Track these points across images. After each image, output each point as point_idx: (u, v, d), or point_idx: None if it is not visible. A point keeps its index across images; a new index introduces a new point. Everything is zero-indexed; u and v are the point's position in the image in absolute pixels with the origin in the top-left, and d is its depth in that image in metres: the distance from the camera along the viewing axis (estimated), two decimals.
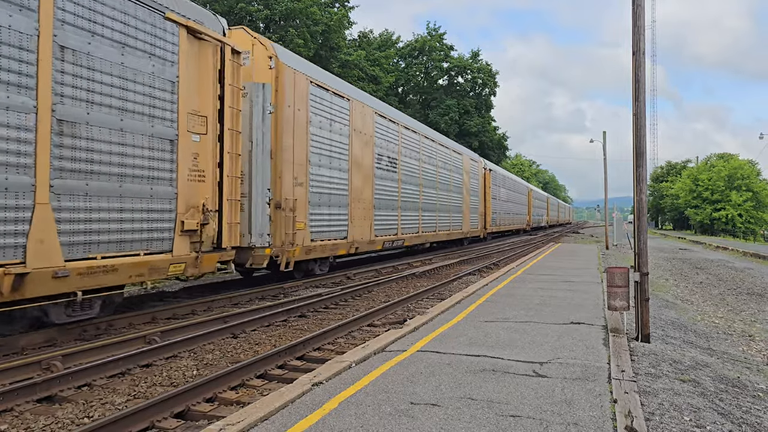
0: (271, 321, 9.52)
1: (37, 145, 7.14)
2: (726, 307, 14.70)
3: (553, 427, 4.33)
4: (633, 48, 8.12)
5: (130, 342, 7.65)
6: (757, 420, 5.42)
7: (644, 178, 8.21)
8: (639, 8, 8.12)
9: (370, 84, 39.64)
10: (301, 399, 4.93)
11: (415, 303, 11.69)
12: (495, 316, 8.93)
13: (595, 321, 8.57)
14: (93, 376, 6.24)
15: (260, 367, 6.59)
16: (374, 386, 5.29)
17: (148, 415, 4.99)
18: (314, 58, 32.34)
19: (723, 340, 10.36)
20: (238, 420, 4.37)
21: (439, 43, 57.92)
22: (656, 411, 4.93)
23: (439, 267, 18.81)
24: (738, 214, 61.00)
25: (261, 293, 12.25)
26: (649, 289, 8.02)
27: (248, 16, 32.21)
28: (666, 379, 6.01)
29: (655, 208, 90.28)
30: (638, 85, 8.06)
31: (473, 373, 5.75)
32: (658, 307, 12.00)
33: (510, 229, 45.38)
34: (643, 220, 8.03)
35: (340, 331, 8.62)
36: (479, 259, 23.27)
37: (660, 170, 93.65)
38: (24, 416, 5.26)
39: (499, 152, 65.70)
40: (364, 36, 47.25)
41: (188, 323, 8.87)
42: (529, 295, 11.29)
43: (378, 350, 6.63)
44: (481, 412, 4.65)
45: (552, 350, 6.71)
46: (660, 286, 17.07)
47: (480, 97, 60.83)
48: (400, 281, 15.29)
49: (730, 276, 21.29)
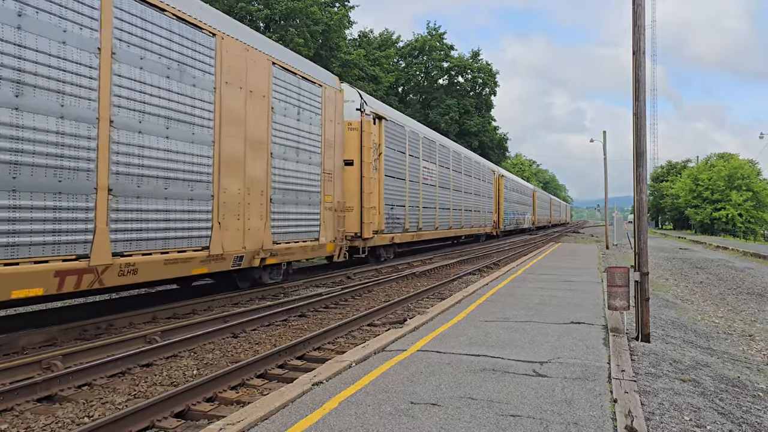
0: (271, 321, 9.52)
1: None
2: (726, 306, 14.70)
3: (553, 427, 4.33)
4: (633, 48, 8.12)
5: (130, 341, 7.65)
6: (757, 420, 5.42)
7: (644, 178, 8.21)
8: (639, 8, 8.11)
9: (371, 84, 39.62)
10: (302, 398, 4.94)
11: (415, 303, 11.69)
12: (495, 315, 8.93)
13: (595, 321, 8.57)
14: (93, 376, 6.24)
15: (260, 366, 6.59)
16: (374, 386, 5.29)
17: (148, 415, 4.99)
18: (314, 57, 32.33)
19: (723, 340, 10.36)
20: (238, 419, 4.37)
21: (440, 43, 57.88)
22: (656, 411, 4.93)
23: (439, 267, 18.80)
24: (738, 213, 61.01)
25: (261, 293, 12.25)
26: (649, 288, 8.02)
27: (248, 15, 32.20)
28: (666, 378, 6.01)
29: (655, 207, 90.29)
30: (638, 85, 8.06)
31: (473, 372, 5.75)
32: (658, 307, 12.01)
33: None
34: (643, 219, 8.03)
35: (340, 330, 8.63)
36: (479, 258, 23.27)
37: (660, 170, 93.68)
38: (24, 416, 5.26)
39: (500, 152, 65.69)
40: (364, 36, 47.25)
41: (188, 323, 8.88)
42: (529, 294, 11.29)
43: (378, 350, 6.63)
44: (481, 411, 4.65)
45: (552, 350, 6.71)
46: (660, 285, 17.07)
47: (480, 96, 60.80)
48: (400, 281, 15.29)
49: (730, 276, 21.29)
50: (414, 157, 22.45)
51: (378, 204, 18.19)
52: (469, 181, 31.79)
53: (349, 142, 16.93)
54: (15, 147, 6.98)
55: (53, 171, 7.46)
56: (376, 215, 18.02)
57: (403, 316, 10.06)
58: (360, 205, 17.16)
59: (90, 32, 7.97)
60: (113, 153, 8.35)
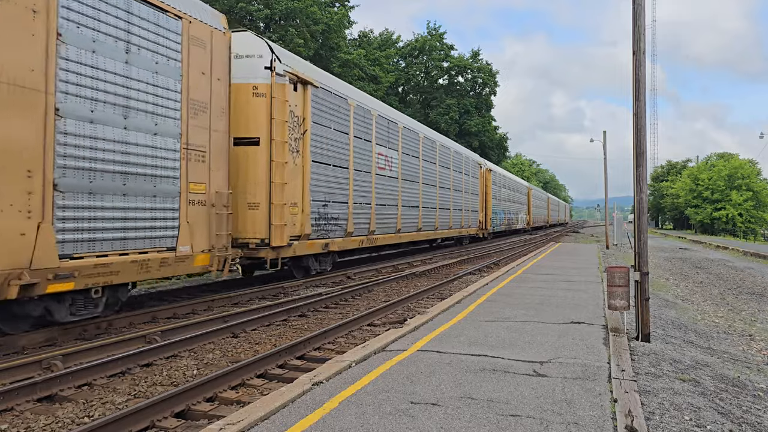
0: (271, 320, 9.52)
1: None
2: (726, 306, 14.70)
3: (553, 427, 4.33)
4: (633, 47, 8.12)
5: (130, 341, 7.65)
6: (757, 419, 5.42)
7: (644, 178, 8.21)
8: (639, 8, 8.11)
9: (371, 83, 39.64)
10: (302, 398, 4.94)
11: (416, 302, 11.69)
12: (495, 315, 8.93)
13: (595, 320, 8.57)
14: (93, 376, 6.24)
15: (260, 366, 6.59)
16: (374, 386, 5.29)
17: (148, 415, 4.99)
18: (314, 57, 32.35)
19: (723, 340, 10.36)
20: (238, 419, 4.37)
21: (440, 43, 57.92)
22: (656, 410, 4.93)
23: (439, 266, 18.81)
24: (738, 213, 61.01)
25: (261, 293, 12.26)
26: (649, 288, 8.02)
27: (248, 15, 32.20)
28: (666, 378, 6.01)
29: (655, 207, 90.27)
30: (639, 85, 8.06)
31: (473, 372, 5.75)
32: (658, 307, 12.00)
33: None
34: (644, 219, 8.03)
35: (341, 330, 8.63)
36: (479, 258, 23.27)
37: (660, 170, 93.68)
38: (24, 415, 5.26)
39: (500, 152, 65.74)
40: (364, 35, 47.28)
41: (188, 323, 8.88)
42: (529, 294, 11.29)
43: (378, 350, 6.63)
44: (481, 411, 4.65)
45: (552, 350, 6.71)
46: (660, 285, 17.07)
47: (480, 96, 60.85)
48: (401, 281, 15.30)
49: (730, 275, 21.29)
50: (364, 141, 17.43)
51: (301, 200, 13.66)
52: (446, 174, 27.11)
53: (252, 113, 12.34)
54: None
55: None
56: (298, 215, 13.50)
57: (404, 315, 10.06)
58: (268, 201, 12.43)
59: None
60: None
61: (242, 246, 12.12)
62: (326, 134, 14.96)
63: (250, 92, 12.36)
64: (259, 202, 12.34)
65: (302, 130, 13.65)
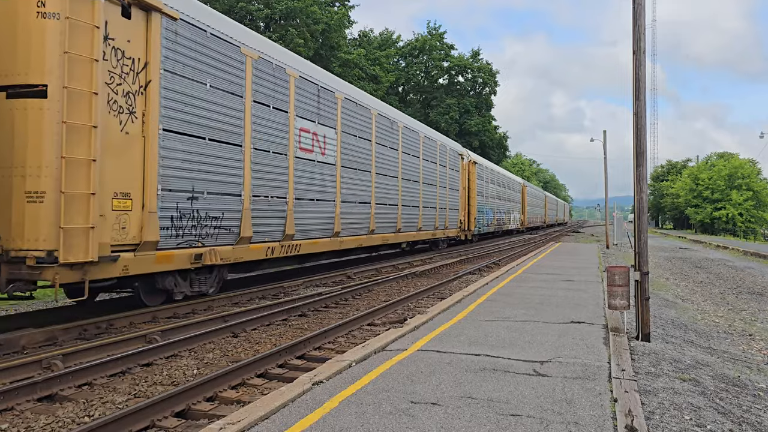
0: (271, 320, 9.52)
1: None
2: (726, 306, 14.70)
3: (553, 426, 4.33)
4: (633, 47, 8.12)
5: (130, 341, 7.66)
6: (757, 419, 5.42)
7: (644, 178, 8.21)
8: (639, 7, 8.11)
9: (371, 83, 39.64)
10: (302, 398, 4.94)
11: (416, 302, 11.69)
12: (495, 315, 8.93)
13: (595, 320, 8.57)
14: (93, 375, 6.25)
15: (260, 366, 6.59)
16: (374, 385, 5.29)
17: (148, 414, 4.99)
18: (314, 57, 32.33)
19: (723, 339, 10.36)
20: (238, 419, 4.38)
21: (440, 42, 57.94)
22: (656, 410, 4.93)
23: (439, 266, 18.82)
24: (738, 213, 61.04)
25: (261, 292, 12.26)
26: (649, 288, 8.02)
27: (248, 15, 32.20)
28: (666, 378, 6.01)
29: (655, 207, 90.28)
30: (639, 84, 8.06)
31: (473, 372, 5.75)
32: (658, 306, 12.00)
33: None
34: (644, 219, 8.03)
35: (341, 330, 8.63)
36: (479, 258, 23.28)
37: (660, 169, 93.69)
38: (24, 415, 5.26)
39: (500, 152, 65.76)
40: (364, 35, 47.30)
41: (189, 322, 8.88)
42: (529, 294, 11.29)
43: (378, 349, 6.63)
44: (481, 411, 4.65)
45: (552, 349, 6.71)
46: (660, 285, 17.07)
47: (480, 96, 60.89)
48: (401, 280, 15.30)
49: (730, 275, 21.29)
50: (274, 109, 12.52)
51: (141, 188, 9.03)
52: (413, 164, 22.20)
53: (34, 44, 7.77)
54: None
55: None
56: (132, 212, 8.85)
57: (404, 315, 10.06)
58: (59, 189, 7.73)
59: None
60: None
61: (16, 262, 7.70)
62: (195, 92, 10.15)
63: (33, 10, 7.78)
64: (44, 191, 7.71)
65: (142, 82, 9.09)
